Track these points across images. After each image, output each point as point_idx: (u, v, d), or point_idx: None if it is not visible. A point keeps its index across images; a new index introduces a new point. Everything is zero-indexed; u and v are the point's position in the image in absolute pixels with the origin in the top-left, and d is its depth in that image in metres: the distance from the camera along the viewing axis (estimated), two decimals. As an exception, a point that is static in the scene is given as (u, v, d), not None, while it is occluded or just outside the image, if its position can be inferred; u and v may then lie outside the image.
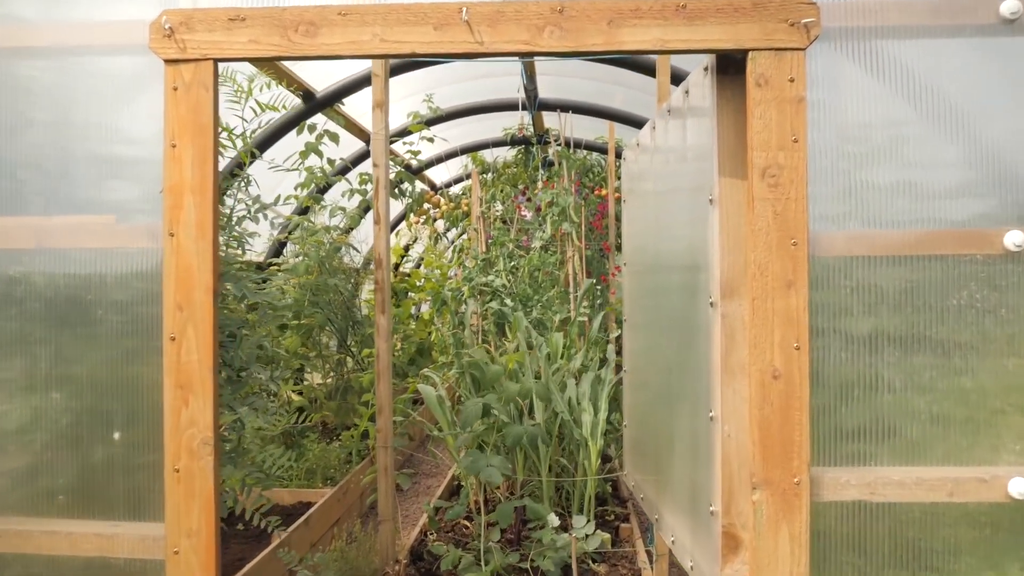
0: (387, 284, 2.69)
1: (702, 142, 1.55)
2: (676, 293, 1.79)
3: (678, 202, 1.77)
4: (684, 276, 1.72)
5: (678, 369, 1.77)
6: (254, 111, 2.36)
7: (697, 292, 1.59)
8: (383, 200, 2.68)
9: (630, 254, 2.48)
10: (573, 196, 3.92)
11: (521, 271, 3.95)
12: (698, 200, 1.57)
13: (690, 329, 1.65)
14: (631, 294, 2.50)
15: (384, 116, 2.68)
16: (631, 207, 2.45)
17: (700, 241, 1.57)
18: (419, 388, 3.40)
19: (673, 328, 1.83)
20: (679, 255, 1.77)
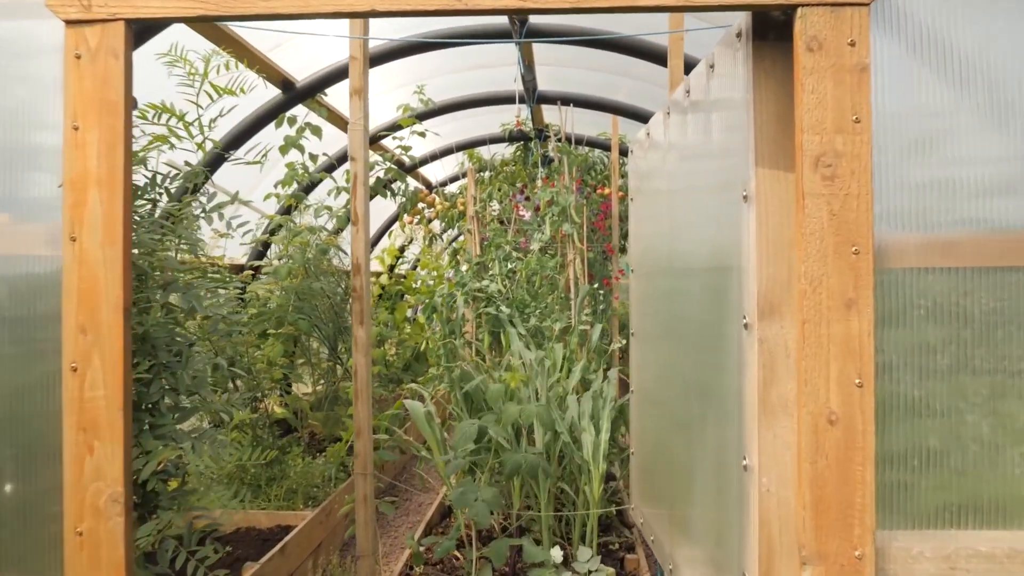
0: (366, 292, 2.40)
1: (732, 127, 1.26)
2: (697, 308, 1.50)
3: (700, 200, 1.48)
4: (708, 289, 1.43)
5: (700, 399, 1.48)
6: (210, 96, 2.07)
7: (725, 309, 1.30)
8: (362, 198, 2.39)
9: (638, 258, 2.19)
10: (574, 195, 3.64)
11: (518, 275, 3.67)
12: (727, 197, 1.28)
13: (716, 353, 1.36)
14: (639, 303, 2.21)
15: (363, 104, 2.39)
16: (639, 207, 2.16)
17: (729, 247, 1.28)
18: (406, 404, 3.11)
19: (693, 348, 1.54)
20: (701, 263, 1.48)
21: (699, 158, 1.50)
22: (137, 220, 1.87)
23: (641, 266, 2.14)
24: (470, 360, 3.16)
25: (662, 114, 1.85)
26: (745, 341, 1.20)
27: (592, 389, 3.07)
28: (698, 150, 1.50)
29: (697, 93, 1.50)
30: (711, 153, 1.40)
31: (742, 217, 1.21)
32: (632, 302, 2.30)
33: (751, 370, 1.19)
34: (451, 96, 4.68)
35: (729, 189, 1.27)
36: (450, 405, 3.19)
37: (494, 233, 3.79)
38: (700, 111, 1.48)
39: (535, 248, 3.62)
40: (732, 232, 1.26)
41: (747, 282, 1.20)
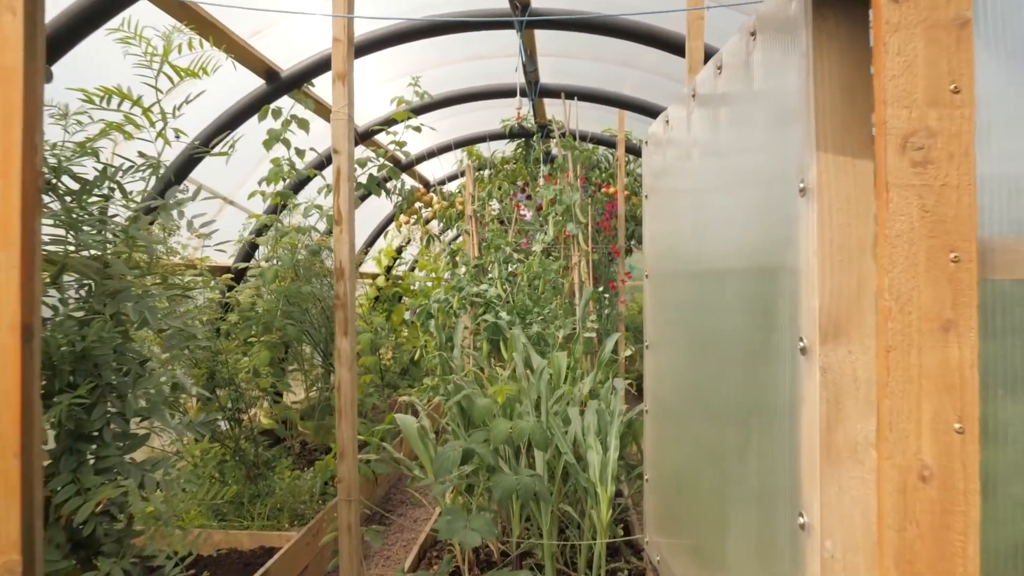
0: (350, 299, 2.16)
1: (784, 105, 1.02)
2: (734, 321, 1.26)
3: (738, 196, 1.24)
4: (748, 300, 1.19)
5: (739, 432, 1.24)
6: (170, 79, 1.83)
7: (773, 326, 1.06)
8: (346, 196, 2.15)
9: (654, 261, 1.95)
10: (579, 192, 3.40)
11: (519, 279, 3.43)
12: (775, 191, 1.05)
13: (759, 378, 1.13)
14: (655, 311, 1.97)
15: (347, 91, 2.15)
16: (656, 205, 1.92)
17: (778, 252, 1.04)
18: (397, 420, 2.88)
19: (729, 369, 1.31)
20: (739, 270, 1.25)
21: (737, 146, 1.26)
22: (84, 219, 1.63)
23: (658, 270, 1.90)
24: (467, 371, 2.92)
25: (683, 101, 1.62)
26: (802, 369, 0.96)
27: (598, 401, 2.84)
28: (735, 137, 1.27)
29: (733, 70, 1.26)
30: (754, 139, 1.16)
31: (797, 215, 0.97)
32: (647, 309, 2.06)
33: (810, 406, 0.95)
34: (448, 89, 4.44)
35: (779, 181, 1.03)
36: (444, 418, 2.96)
37: (493, 234, 3.55)
38: (737, 91, 1.24)
39: (537, 250, 3.39)
40: (782, 234, 1.02)
41: (804, 295, 0.96)
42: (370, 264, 7.30)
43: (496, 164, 5.85)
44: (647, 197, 2.01)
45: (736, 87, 1.25)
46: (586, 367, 3.22)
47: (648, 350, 2.01)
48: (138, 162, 1.70)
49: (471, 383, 2.85)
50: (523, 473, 2.40)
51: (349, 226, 2.16)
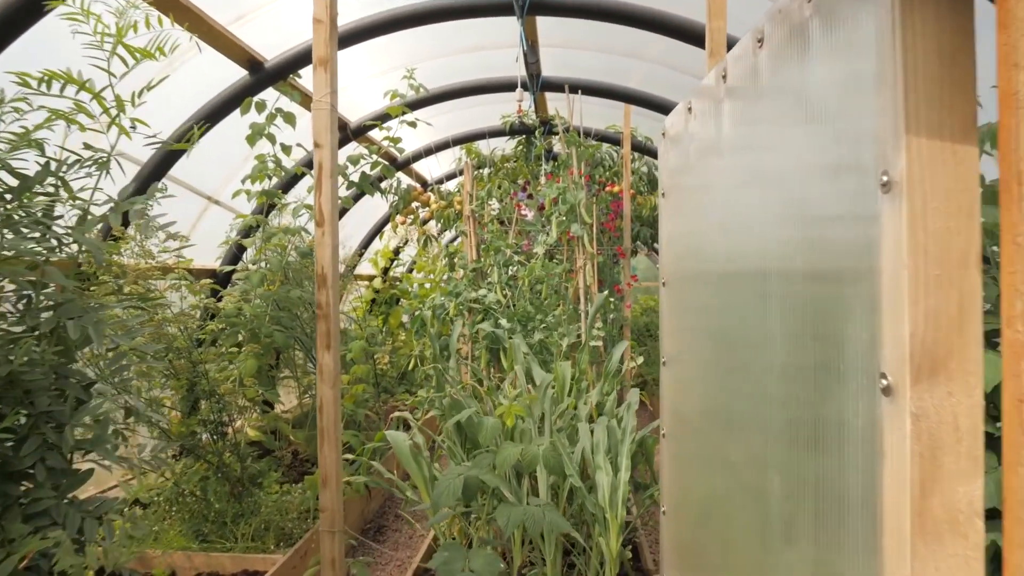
0: (334, 309, 1.95)
1: (858, 72, 0.81)
2: (784, 345, 1.05)
3: (789, 191, 1.03)
4: (804, 320, 0.97)
5: (789, 478, 1.03)
6: (124, 62, 1.62)
7: (839, 356, 0.85)
8: (328, 194, 1.94)
9: (674, 267, 1.73)
10: (584, 191, 3.19)
11: (520, 283, 3.22)
12: (847, 185, 0.83)
13: (818, 417, 0.92)
14: (675, 322, 1.76)
15: (329, 78, 1.94)
16: (675, 204, 1.71)
17: (848, 263, 0.82)
18: (388, 437, 2.66)
19: (776, 399, 1.09)
20: (794, 282, 1.03)
21: (788, 133, 1.04)
22: (21, 220, 1.42)
23: (679, 276, 1.69)
24: (464, 384, 2.71)
25: (709, 86, 1.40)
26: (884, 414, 0.75)
27: (606, 417, 2.62)
28: (786, 121, 1.05)
29: (780, 39, 1.05)
30: (814, 122, 0.94)
31: (877, 216, 0.76)
32: (664, 320, 1.84)
33: (896, 461, 0.73)
34: (446, 83, 4.23)
35: (851, 173, 0.82)
36: (440, 435, 2.74)
37: (493, 235, 3.33)
38: (787, 64, 1.03)
39: (539, 252, 3.18)
40: (855, 240, 0.81)
41: (887, 319, 0.74)
42: (366, 266, 7.09)
43: (496, 162, 5.64)
44: (664, 196, 1.79)
45: (785, 60, 1.03)
46: (592, 378, 3.01)
47: (666, 366, 1.79)
48: (85, 155, 1.49)
49: (468, 397, 2.64)
50: (530, 502, 2.18)
51: (332, 228, 1.95)
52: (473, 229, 3.28)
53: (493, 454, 2.07)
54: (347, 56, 3.72)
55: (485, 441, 2.00)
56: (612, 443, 2.56)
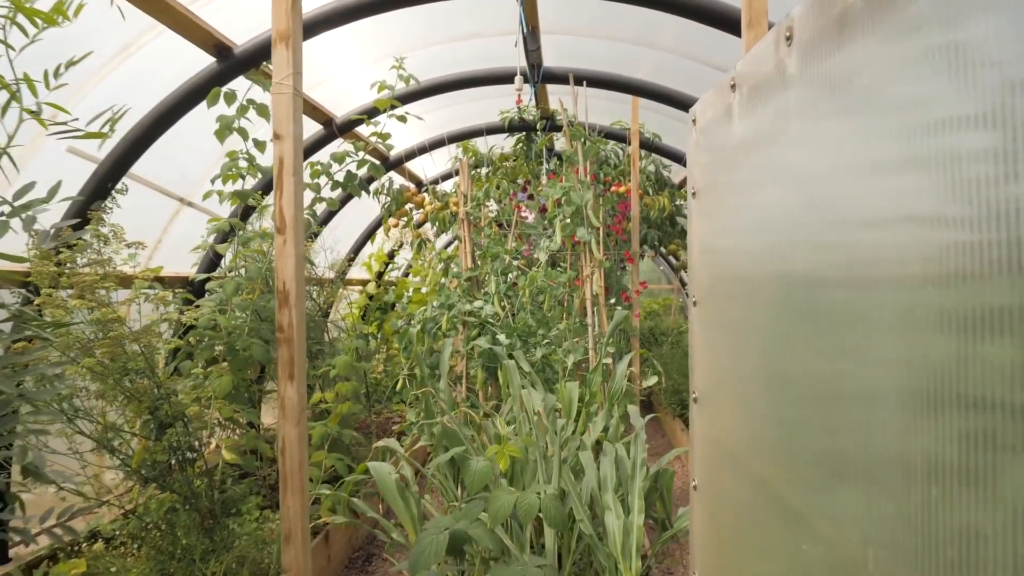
0: (298, 332, 1.63)
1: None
2: (899, 396, 0.73)
3: (903, 183, 0.71)
4: (952, 363, 0.66)
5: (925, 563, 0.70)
6: (23, 31, 1.30)
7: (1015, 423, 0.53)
8: (290, 195, 1.62)
9: (707, 282, 1.41)
10: (591, 191, 2.87)
11: (520, 293, 2.90)
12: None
13: (972, 471, 0.60)
14: (709, 351, 1.43)
15: (291, 56, 1.62)
16: (711, 206, 1.39)
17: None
18: (371, 469, 2.34)
19: (881, 452, 0.77)
20: (904, 297, 0.71)
21: (923, 93, 0.72)
22: None
23: (716, 294, 1.36)
24: (458, 410, 2.38)
25: (767, 51, 1.08)
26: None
27: (614, 445, 2.30)
28: (918, 78, 0.73)
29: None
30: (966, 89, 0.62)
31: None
32: (695, 348, 1.52)
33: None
34: (439, 75, 3.91)
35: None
36: (430, 466, 2.42)
37: (490, 240, 3.02)
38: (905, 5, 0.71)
39: (542, 259, 2.86)
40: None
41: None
42: (359, 270, 6.77)
43: (494, 161, 5.32)
44: (695, 196, 1.47)
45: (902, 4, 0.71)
46: (601, 398, 2.69)
47: (698, 404, 1.47)
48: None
49: (461, 424, 2.32)
50: (533, 547, 1.87)
51: (295, 235, 1.63)
52: (468, 233, 2.95)
53: (485, 501, 1.75)
54: (333, 43, 3.40)
55: (474, 487, 1.69)
56: (622, 478, 2.24)
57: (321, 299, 4.90)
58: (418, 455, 3.12)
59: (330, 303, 5.16)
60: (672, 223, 5.41)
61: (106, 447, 2.69)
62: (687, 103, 3.80)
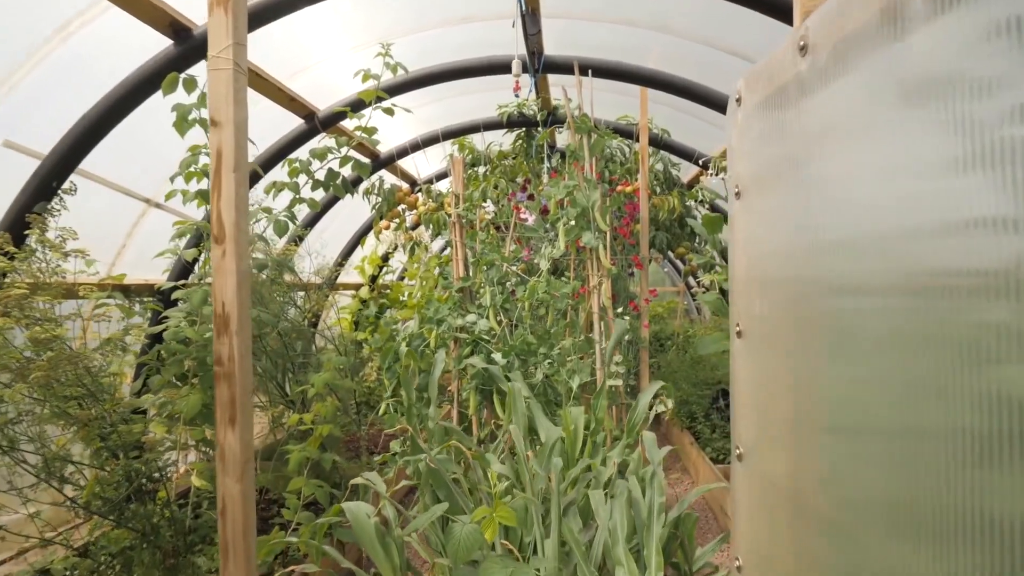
0: (241, 366, 1.31)
1: None
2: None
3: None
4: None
5: None
6: None
7: None
8: (230, 196, 1.30)
9: (756, 305, 1.09)
10: (599, 190, 2.55)
11: (519, 305, 2.58)
12: None
13: None
14: (758, 393, 1.11)
15: (232, 23, 1.30)
16: (764, 208, 1.06)
17: None
18: (345, 510, 2.02)
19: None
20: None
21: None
22: None
23: (770, 321, 1.04)
24: (445, 444, 2.06)
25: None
26: None
27: (628, 485, 1.97)
28: None
29: None
30: None
31: None
32: (738, 389, 1.19)
33: None
34: (431, 64, 3.58)
35: None
36: (415, 507, 2.10)
37: (485, 245, 2.69)
38: None
39: (543, 266, 2.54)
40: None
41: None
42: (352, 274, 6.46)
43: (492, 159, 5.00)
44: (740, 195, 1.15)
45: None
46: (610, 426, 2.36)
47: (742, 461, 1.15)
48: None
49: (449, 460, 1.99)
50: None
51: (237, 247, 1.31)
52: (460, 238, 2.63)
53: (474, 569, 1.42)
54: (314, 26, 3.08)
55: (459, 557, 1.37)
56: (637, 524, 1.92)
57: (307, 306, 4.58)
58: (403, 489, 2.80)
59: (318, 311, 4.84)
60: (681, 225, 5.09)
61: (45, 480, 2.36)
62: (703, 95, 3.48)
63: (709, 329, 7.59)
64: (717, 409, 4.96)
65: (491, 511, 1.39)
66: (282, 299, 4.02)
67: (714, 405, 5.03)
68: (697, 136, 4.58)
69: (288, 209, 3.25)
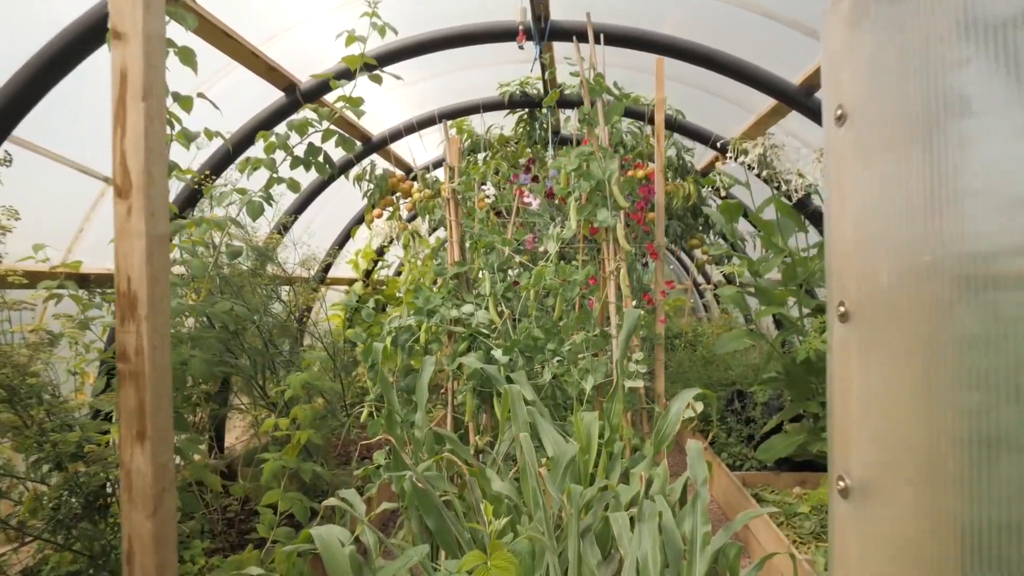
0: (156, 364, 0.97)
1: None
2: None
3: None
4: None
5: None
6: None
7: None
8: (138, 133, 0.95)
9: (877, 277, 0.76)
10: (617, 160, 2.21)
11: (523, 295, 2.24)
12: None
13: None
14: (880, 400, 0.77)
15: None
16: (893, 138, 0.73)
17: None
18: (315, 537, 1.68)
19: None
20: None
21: None
22: None
23: (908, 296, 0.71)
24: (435, 458, 1.71)
25: None
26: None
27: (657, 507, 1.63)
28: None
29: None
30: None
31: None
32: (846, 392, 0.85)
33: None
34: (424, 31, 3.24)
35: None
36: (400, 533, 1.75)
37: (484, 226, 2.35)
38: None
39: (552, 250, 2.19)
40: None
41: None
42: (345, 268, 6.12)
43: (493, 143, 4.66)
44: (844, 120, 0.81)
45: None
46: (628, 434, 2.02)
47: (849, 499, 0.81)
48: None
49: (439, 477, 1.65)
50: None
51: (147, 201, 0.97)
52: (455, 217, 2.28)
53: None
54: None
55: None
56: (672, 557, 1.57)
57: (292, 300, 4.24)
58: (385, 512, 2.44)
59: (308, 306, 4.49)
60: (695, 214, 4.75)
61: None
62: (730, 65, 3.14)
63: (720, 327, 7.26)
64: (732, 411, 4.62)
65: (486, 558, 1.06)
66: (264, 292, 3.68)
67: (729, 407, 4.68)
68: (714, 117, 4.24)
69: (265, 189, 2.91)
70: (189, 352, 2.77)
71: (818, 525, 2.95)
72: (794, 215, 3.85)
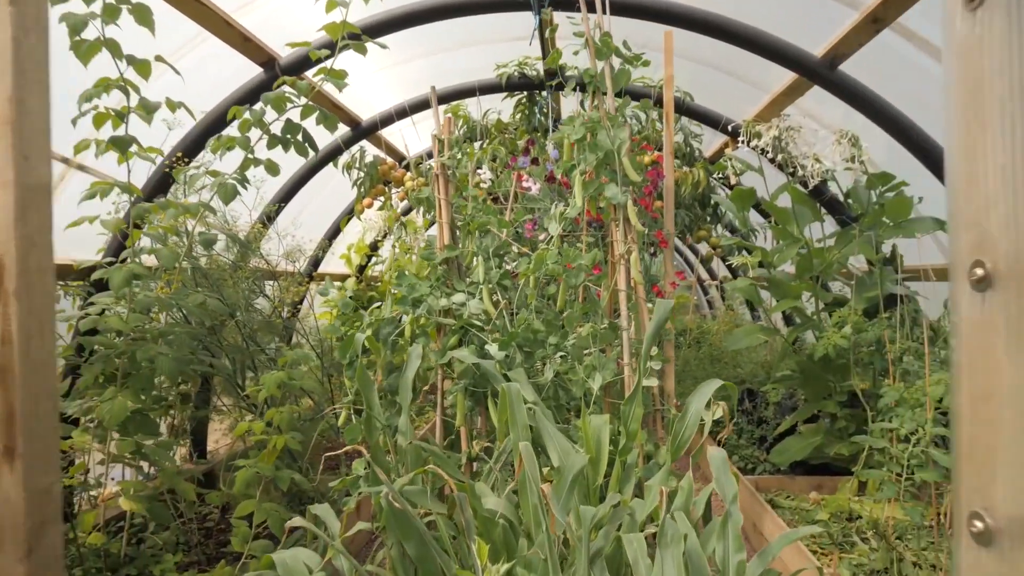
0: (28, 356, 0.72)
1: None
2: None
3: None
4: None
5: None
6: None
7: None
8: (3, 40, 0.70)
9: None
10: (627, 130, 1.96)
11: (521, 283, 1.99)
12: None
13: None
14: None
15: None
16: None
17: None
18: (276, 563, 1.43)
19: None
20: None
21: None
22: None
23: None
24: (418, 471, 1.46)
25: None
26: None
27: (679, 527, 1.38)
28: None
29: None
30: None
31: None
32: (986, 390, 0.61)
33: None
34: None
35: None
36: (378, 558, 1.50)
37: (477, 206, 2.10)
38: None
39: (553, 230, 1.94)
40: None
41: None
42: (337, 262, 5.88)
43: (490, 129, 4.41)
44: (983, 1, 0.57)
45: None
46: (642, 440, 1.77)
47: (994, 548, 0.57)
48: None
49: (423, 492, 1.40)
50: None
51: (18, 140, 0.72)
52: (446, 195, 2.03)
53: None
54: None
55: None
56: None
57: (277, 295, 3.99)
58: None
59: (296, 301, 4.24)
60: (703, 204, 4.50)
61: None
62: (743, 36, 2.89)
63: (726, 324, 7.01)
64: (743, 412, 4.37)
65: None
66: (245, 286, 3.44)
67: (739, 407, 4.44)
68: (724, 99, 3.99)
69: (239, 171, 2.66)
70: (158, 350, 2.53)
71: (840, 534, 2.73)
72: (810, 203, 3.62)
